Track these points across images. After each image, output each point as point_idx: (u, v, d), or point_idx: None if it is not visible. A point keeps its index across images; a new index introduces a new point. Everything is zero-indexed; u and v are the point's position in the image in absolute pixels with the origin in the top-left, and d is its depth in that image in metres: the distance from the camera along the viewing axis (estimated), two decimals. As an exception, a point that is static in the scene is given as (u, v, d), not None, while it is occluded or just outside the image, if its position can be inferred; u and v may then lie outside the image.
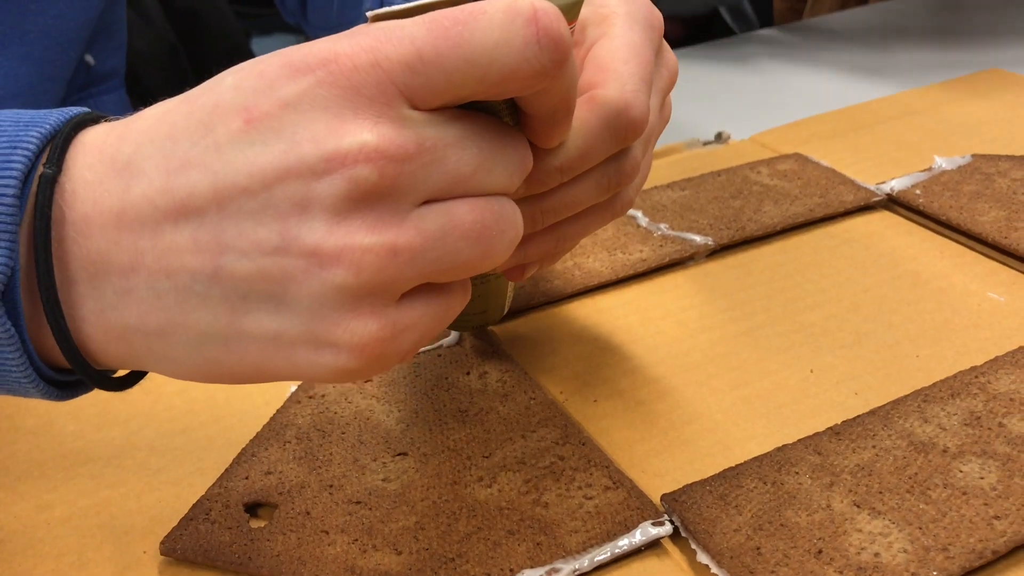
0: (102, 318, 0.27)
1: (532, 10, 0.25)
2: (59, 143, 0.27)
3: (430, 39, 0.25)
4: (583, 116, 0.31)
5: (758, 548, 0.33)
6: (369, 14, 0.27)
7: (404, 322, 0.27)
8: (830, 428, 0.39)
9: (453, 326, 0.43)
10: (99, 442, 0.41)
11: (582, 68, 0.33)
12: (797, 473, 0.36)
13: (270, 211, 0.25)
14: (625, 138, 0.32)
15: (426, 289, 0.28)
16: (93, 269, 0.27)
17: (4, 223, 0.26)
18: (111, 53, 0.75)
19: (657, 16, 0.36)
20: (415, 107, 0.26)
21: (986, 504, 0.34)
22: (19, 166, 0.26)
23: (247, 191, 0.25)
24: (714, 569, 0.33)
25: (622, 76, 0.32)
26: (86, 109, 0.29)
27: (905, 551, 0.33)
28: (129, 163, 0.27)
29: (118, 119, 0.29)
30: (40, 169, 0.26)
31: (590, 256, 0.51)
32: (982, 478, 0.35)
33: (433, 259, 0.26)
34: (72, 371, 0.29)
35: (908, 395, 0.40)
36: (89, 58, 0.72)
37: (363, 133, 0.25)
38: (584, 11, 0.36)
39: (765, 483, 0.36)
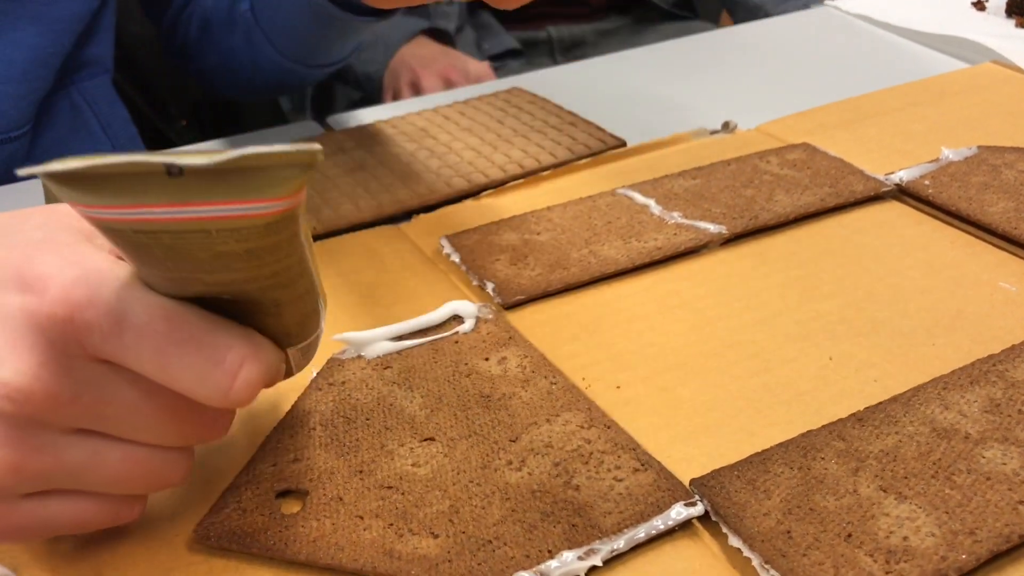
0: None
1: (236, 365, 0.28)
2: None
3: (137, 328, 0.27)
4: None
5: (788, 532, 0.34)
6: (32, 172, 0.24)
7: (24, 519, 0.30)
8: (853, 415, 0.39)
9: None
10: (122, 427, 0.41)
11: None
12: (823, 459, 0.37)
13: None
14: None
15: (71, 493, 0.30)
16: None
17: None
18: (99, 40, 0.74)
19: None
20: (100, 361, 0.28)
21: (1010, 489, 0.35)
22: None
23: None
24: (746, 552, 0.33)
25: None
26: None
27: (933, 535, 0.33)
28: None
29: None
30: None
31: (605, 244, 0.51)
32: (1005, 464, 0.36)
33: (66, 482, 0.30)
34: None
35: (927, 382, 0.40)
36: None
37: (18, 371, 0.27)
38: None
39: (792, 468, 0.37)
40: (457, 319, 0.46)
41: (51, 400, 0.28)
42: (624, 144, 0.64)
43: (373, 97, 1.08)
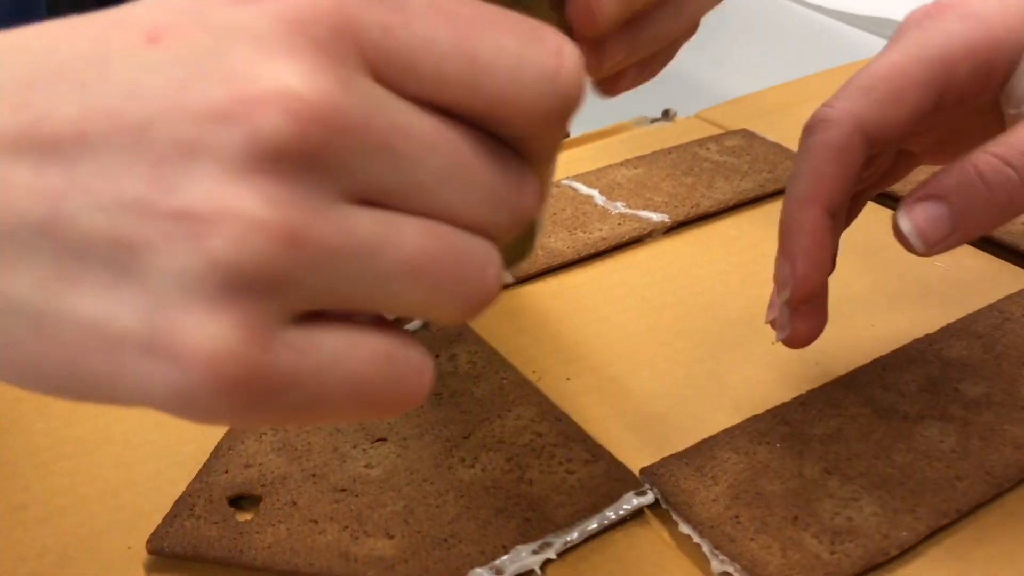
0: None
1: (557, 44, 0.21)
2: None
3: (427, 11, 0.20)
4: None
5: (736, 517, 0.35)
6: None
7: (289, 359, 0.19)
8: (796, 398, 0.40)
9: None
10: (70, 438, 0.40)
11: None
12: (768, 443, 0.38)
13: (144, 152, 0.19)
14: None
15: (349, 324, 0.21)
16: None
17: None
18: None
19: None
20: (380, 83, 0.20)
21: (948, 466, 0.36)
22: None
23: (121, 121, 0.19)
24: (696, 539, 0.34)
25: None
26: None
27: (876, 514, 0.34)
28: None
29: None
30: None
31: (551, 236, 0.52)
32: (942, 441, 0.37)
33: (349, 276, 0.20)
34: None
35: (867, 364, 0.42)
36: None
37: (290, 76, 0.19)
38: None
39: (738, 454, 0.37)
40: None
41: (337, 117, 0.19)
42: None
43: None
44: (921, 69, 0.34)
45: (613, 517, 0.35)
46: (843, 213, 0.36)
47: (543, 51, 0.21)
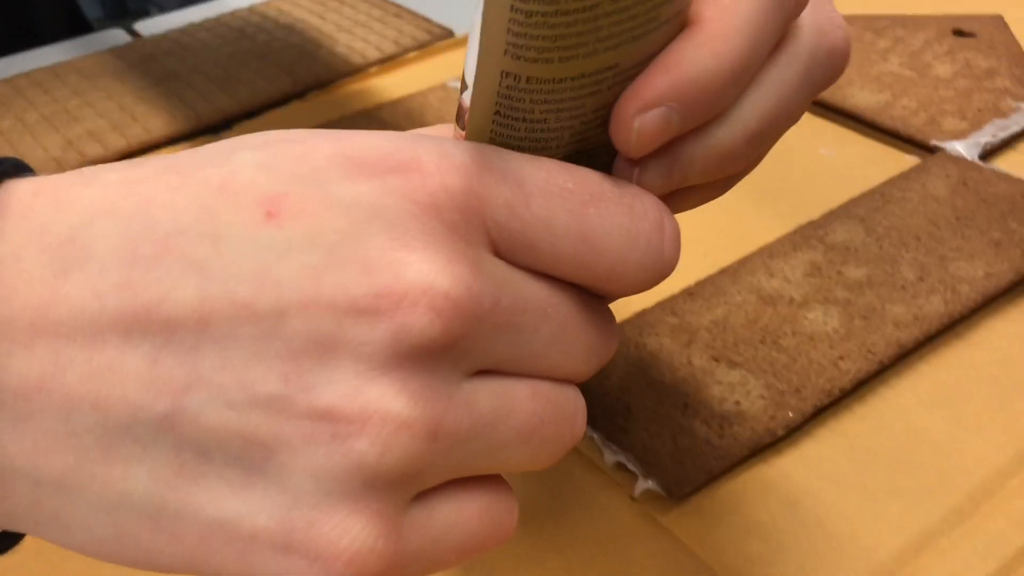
0: None
1: (659, 216, 0.21)
2: None
3: (544, 190, 0.20)
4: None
5: (628, 408, 0.35)
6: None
7: (415, 539, 0.20)
8: (684, 290, 0.40)
9: None
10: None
11: None
12: (657, 335, 0.38)
13: (277, 345, 0.18)
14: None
15: (455, 488, 0.21)
16: None
17: None
18: None
19: None
20: (500, 256, 0.21)
21: (831, 347, 0.37)
22: None
23: (249, 309, 0.18)
24: (588, 432, 0.34)
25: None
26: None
27: (763, 397, 0.35)
28: (72, 239, 0.18)
29: (46, 177, 0.20)
30: None
31: (437, 139, 0.50)
32: (826, 323, 0.38)
33: (472, 452, 0.20)
34: None
35: (754, 252, 0.42)
36: None
37: (430, 269, 0.19)
38: None
39: (628, 347, 0.37)
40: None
41: (476, 307, 0.19)
42: (452, 34, 0.63)
43: None
44: None
45: (504, 417, 0.34)
46: None
47: (649, 225, 0.21)
